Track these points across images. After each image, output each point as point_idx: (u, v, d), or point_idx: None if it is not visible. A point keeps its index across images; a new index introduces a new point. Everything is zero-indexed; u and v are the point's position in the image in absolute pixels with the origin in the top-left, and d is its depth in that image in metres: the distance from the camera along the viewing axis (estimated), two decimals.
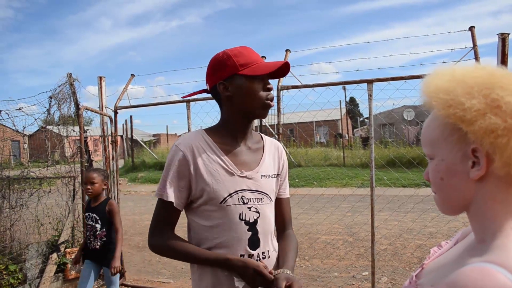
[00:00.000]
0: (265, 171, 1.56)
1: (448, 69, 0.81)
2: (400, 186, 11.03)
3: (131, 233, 7.88)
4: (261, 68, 1.45)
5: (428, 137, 0.83)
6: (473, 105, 0.70)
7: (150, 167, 19.64)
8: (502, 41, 3.24)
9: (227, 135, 1.52)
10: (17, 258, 4.57)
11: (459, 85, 0.74)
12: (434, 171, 0.82)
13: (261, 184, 1.52)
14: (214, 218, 1.45)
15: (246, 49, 1.50)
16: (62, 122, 5.14)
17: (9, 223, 4.83)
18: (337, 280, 4.83)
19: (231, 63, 1.44)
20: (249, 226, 1.47)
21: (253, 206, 1.48)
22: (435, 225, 6.81)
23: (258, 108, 1.48)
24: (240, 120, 1.51)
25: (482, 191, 0.74)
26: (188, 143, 1.46)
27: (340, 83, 3.97)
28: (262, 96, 1.47)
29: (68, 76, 4.87)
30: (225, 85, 1.46)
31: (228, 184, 1.45)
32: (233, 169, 1.47)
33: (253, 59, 1.47)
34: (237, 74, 1.44)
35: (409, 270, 5.04)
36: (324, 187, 12.73)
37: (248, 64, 1.45)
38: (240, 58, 1.45)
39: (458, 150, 0.75)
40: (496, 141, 0.68)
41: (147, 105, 5.14)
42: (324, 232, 6.91)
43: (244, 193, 1.47)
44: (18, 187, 5.04)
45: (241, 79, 1.44)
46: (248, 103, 1.47)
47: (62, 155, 5.90)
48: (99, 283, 4.93)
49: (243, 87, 1.45)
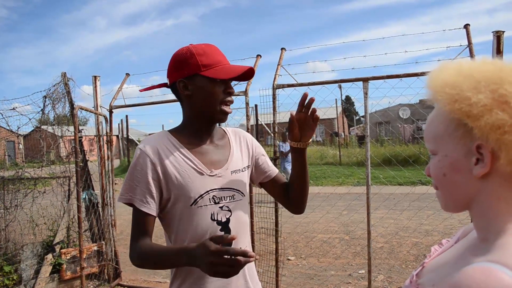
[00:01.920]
0: (235, 166, 1.51)
1: (455, 63, 0.79)
2: (396, 184, 11.05)
3: (127, 233, 7.85)
4: (224, 71, 1.40)
5: (432, 132, 0.81)
6: (479, 100, 0.68)
7: None
8: (497, 39, 3.25)
9: (192, 134, 1.48)
10: (12, 259, 4.54)
11: (465, 80, 0.72)
12: (437, 167, 0.80)
13: (231, 180, 1.48)
14: (185, 220, 1.40)
15: (211, 48, 1.44)
16: (57, 122, 5.12)
17: (4, 224, 4.80)
18: (334, 279, 4.83)
19: (193, 62, 1.39)
20: (222, 226, 1.43)
21: (224, 205, 1.44)
22: (431, 223, 6.83)
23: (217, 112, 1.43)
24: (200, 121, 1.47)
25: (486, 189, 0.73)
26: (152, 145, 1.40)
27: (335, 82, 3.97)
28: (222, 99, 1.42)
29: (62, 76, 4.85)
30: (185, 83, 1.42)
31: (199, 185, 1.40)
32: (202, 168, 1.42)
33: (217, 60, 1.42)
34: (199, 74, 1.39)
35: (406, 268, 5.05)
36: (320, 185, 12.73)
37: (211, 65, 1.39)
38: (203, 58, 1.39)
39: (463, 146, 0.74)
40: (503, 137, 0.67)
41: (142, 104, 5.12)
42: (321, 230, 6.91)
43: (215, 192, 1.43)
44: (12, 187, 5.01)
45: (202, 80, 1.40)
46: (207, 106, 1.42)
47: (57, 155, 5.87)
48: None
49: (203, 88, 1.40)
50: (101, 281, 4.95)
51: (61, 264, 4.52)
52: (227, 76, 1.39)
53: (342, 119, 34.52)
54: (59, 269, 4.54)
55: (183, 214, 1.40)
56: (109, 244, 5.03)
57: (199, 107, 1.44)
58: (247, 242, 1.54)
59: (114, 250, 5.09)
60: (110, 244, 5.05)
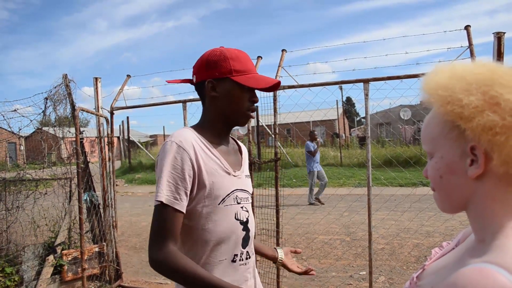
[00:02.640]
0: (246, 171, 1.57)
1: (449, 65, 0.80)
2: (397, 185, 11.05)
3: (128, 234, 7.86)
4: (254, 80, 1.43)
5: (428, 134, 0.82)
6: (471, 101, 0.69)
7: (147, 168, 19.62)
8: (497, 40, 3.25)
9: (214, 134, 1.48)
10: (13, 260, 4.55)
11: (458, 82, 0.73)
12: (434, 168, 0.81)
13: (246, 183, 1.52)
14: (211, 219, 1.38)
15: (244, 55, 1.46)
16: (58, 123, 5.12)
17: (5, 225, 4.80)
18: (335, 280, 4.83)
19: (226, 65, 1.40)
20: (243, 226, 1.46)
21: (244, 205, 1.48)
22: (432, 224, 6.83)
23: (240, 117, 1.46)
24: (221, 123, 1.48)
25: (481, 190, 0.73)
26: (188, 139, 1.35)
27: (336, 83, 3.98)
28: (247, 107, 1.45)
29: (63, 77, 4.86)
30: (214, 84, 1.42)
31: (226, 184, 1.41)
32: (228, 168, 1.44)
33: (248, 67, 1.44)
34: (230, 78, 1.40)
35: (407, 269, 5.05)
36: None
37: (242, 72, 1.41)
38: (236, 63, 1.41)
39: (457, 147, 0.75)
40: (494, 138, 0.67)
41: (143, 105, 5.13)
42: (322, 232, 6.91)
43: (238, 193, 1.46)
44: (14, 189, 5.02)
45: (232, 84, 1.41)
46: (231, 110, 1.44)
47: (58, 157, 5.88)
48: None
49: (232, 93, 1.42)
50: (102, 283, 4.96)
51: (63, 265, 4.53)
52: (258, 85, 1.43)
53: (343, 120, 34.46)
54: (61, 271, 4.54)
55: (211, 213, 1.38)
56: (110, 246, 5.03)
57: (224, 110, 1.45)
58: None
59: (115, 251, 5.09)
60: (111, 245, 5.05)
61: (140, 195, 13.87)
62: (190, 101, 4.48)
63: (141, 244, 7.07)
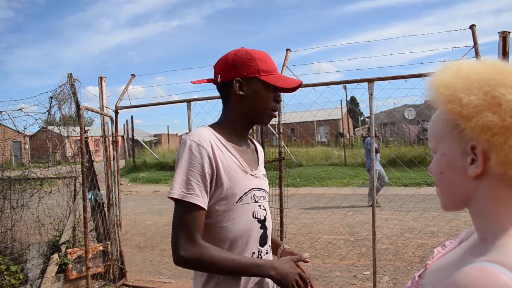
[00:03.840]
0: (263, 171, 1.59)
1: (456, 64, 0.80)
2: (401, 185, 11.02)
3: (132, 233, 7.88)
4: (281, 80, 1.47)
5: (433, 131, 0.83)
6: (471, 101, 0.69)
7: (151, 167, 19.67)
8: (503, 40, 3.24)
9: (233, 133, 1.50)
10: (18, 258, 4.57)
11: (461, 81, 0.73)
12: (436, 165, 0.82)
13: (263, 182, 1.55)
14: (229, 217, 1.39)
15: (268, 56, 1.50)
16: (63, 122, 5.14)
17: (10, 224, 4.83)
18: (339, 280, 4.83)
19: (254, 65, 1.43)
20: (261, 224, 1.48)
21: (261, 204, 1.50)
22: (437, 224, 6.81)
23: (265, 116, 1.49)
24: (244, 121, 1.51)
25: (481, 189, 0.74)
26: (206, 139, 1.37)
27: (340, 82, 3.97)
28: (272, 106, 1.48)
29: (68, 77, 4.87)
30: (241, 84, 1.44)
31: (243, 183, 1.43)
32: (246, 167, 1.46)
33: (273, 68, 1.48)
34: (257, 78, 1.43)
35: (411, 269, 5.04)
36: (325, 186, 12.72)
37: (269, 72, 1.45)
38: (263, 64, 1.45)
39: (459, 146, 0.75)
40: (493, 139, 0.67)
41: (148, 105, 5.14)
42: (325, 231, 6.90)
43: (255, 192, 1.47)
44: (19, 187, 5.04)
45: (260, 84, 1.44)
46: (257, 109, 1.47)
47: (63, 156, 5.90)
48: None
49: (258, 92, 1.45)
50: (106, 281, 4.97)
51: (67, 263, 4.54)
52: (285, 85, 1.46)
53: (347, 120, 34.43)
54: (65, 269, 4.55)
55: (228, 211, 1.40)
56: (114, 244, 5.05)
57: (249, 109, 1.48)
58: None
59: (120, 250, 5.10)
60: (115, 244, 5.06)
61: (144, 194, 13.91)
62: (195, 101, 4.49)
63: (145, 243, 7.09)
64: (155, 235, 7.53)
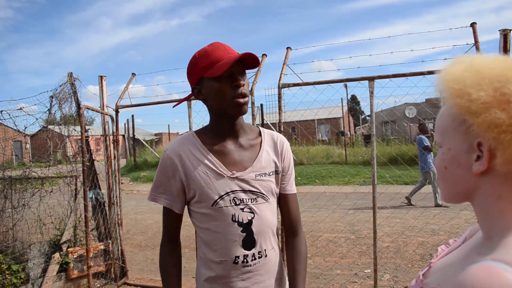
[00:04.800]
0: (261, 170, 1.48)
1: (469, 58, 0.78)
2: (402, 183, 11.01)
3: (133, 232, 7.89)
4: (221, 66, 1.35)
5: (440, 125, 0.82)
6: (480, 97, 0.68)
7: (152, 166, 19.67)
8: (504, 38, 3.23)
9: (215, 135, 1.48)
10: (19, 257, 4.57)
11: (471, 76, 0.72)
12: (440, 159, 0.81)
13: (255, 183, 1.46)
14: (208, 219, 1.44)
15: (213, 46, 1.42)
16: (63, 121, 5.14)
17: (12, 223, 4.83)
18: (340, 278, 4.83)
19: (197, 67, 1.41)
20: (243, 227, 1.43)
21: (246, 206, 1.43)
22: (437, 222, 6.80)
23: (230, 107, 1.41)
24: (220, 120, 1.47)
25: (486, 186, 0.73)
26: (174, 148, 1.46)
27: (341, 81, 3.96)
28: (231, 94, 1.39)
29: (69, 76, 4.87)
30: (198, 89, 1.45)
31: (219, 186, 1.41)
32: (222, 170, 1.43)
33: (216, 57, 1.38)
34: (203, 77, 1.41)
35: (412, 267, 5.04)
36: (326, 185, 12.71)
37: (211, 64, 1.38)
38: (203, 59, 1.39)
39: (465, 141, 0.74)
40: (500, 136, 0.66)
41: (148, 104, 5.14)
42: (326, 230, 6.90)
43: (236, 194, 1.43)
44: (20, 187, 5.04)
45: (208, 81, 1.40)
46: (218, 105, 1.42)
47: (64, 155, 5.90)
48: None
49: (212, 89, 1.41)
50: (107, 280, 4.98)
51: (68, 263, 4.55)
52: (222, 70, 1.34)
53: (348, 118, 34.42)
54: (66, 268, 4.56)
55: (206, 214, 1.44)
56: (115, 243, 5.06)
57: (214, 107, 1.45)
58: (272, 243, 1.53)
59: (121, 249, 5.11)
60: (116, 243, 5.07)
61: (145, 193, 13.90)
62: (195, 100, 4.48)
63: (146, 242, 7.10)
64: (156, 234, 7.53)
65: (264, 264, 1.47)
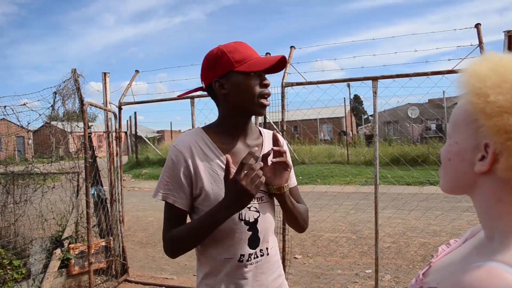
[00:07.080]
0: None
1: (497, 57, 0.77)
2: (404, 184, 10.99)
3: (135, 229, 7.90)
4: (257, 63, 1.39)
5: (454, 117, 0.82)
6: (497, 100, 0.67)
7: (154, 164, 19.72)
8: (508, 38, 3.22)
9: (225, 133, 1.48)
10: (21, 253, 4.58)
11: (495, 76, 0.71)
12: (446, 150, 0.82)
13: None
14: None
15: (241, 44, 1.44)
16: (66, 118, 5.15)
17: (13, 218, 4.84)
18: (340, 278, 4.83)
19: (226, 60, 1.39)
20: (249, 226, 1.43)
21: (252, 205, 1.44)
22: (439, 223, 6.79)
23: (256, 105, 1.42)
24: (237, 117, 1.47)
25: (485, 186, 0.73)
26: (185, 143, 1.43)
27: (344, 80, 3.96)
28: (259, 93, 1.41)
29: (72, 72, 4.87)
30: (221, 82, 1.42)
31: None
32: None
33: (248, 54, 1.41)
34: (233, 70, 1.39)
35: (413, 268, 5.03)
36: (328, 184, 12.71)
37: (243, 60, 1.39)
38: (235, 55, 1.39)
39: (473, 139, 0.74)
40: (507, 143, 0.66)
41: (151, 101, 5.15)
42: (328, 229, 6.90)
43: None
44: (22, 182, 5.05)
45: (237, 76, 1.39)
46: (244, 100, 1.41)
47: (66, 151, 5.91)
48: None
49: (240, 84, 1.40)
50: (108, 277, 4.99)
51: (69, 259, 4.56)
52: (261, 67, 1.38)
53: (350, 118, 34.38)
54: (67, 264, 4.57)
55: None
56: (117, 240, 5.07)
57: (237, 103, 1.43)
58: (274, 242, 1.56)
59: (122, 246, 5.12)
60: (118, 240, 5.08)
61: (147, 190, 13.93)
62: (198, 97, 4.49)
63: (148, 239, 7.11)
64: (158, 231, 7.54)
65: (265, 262, 1.48)
